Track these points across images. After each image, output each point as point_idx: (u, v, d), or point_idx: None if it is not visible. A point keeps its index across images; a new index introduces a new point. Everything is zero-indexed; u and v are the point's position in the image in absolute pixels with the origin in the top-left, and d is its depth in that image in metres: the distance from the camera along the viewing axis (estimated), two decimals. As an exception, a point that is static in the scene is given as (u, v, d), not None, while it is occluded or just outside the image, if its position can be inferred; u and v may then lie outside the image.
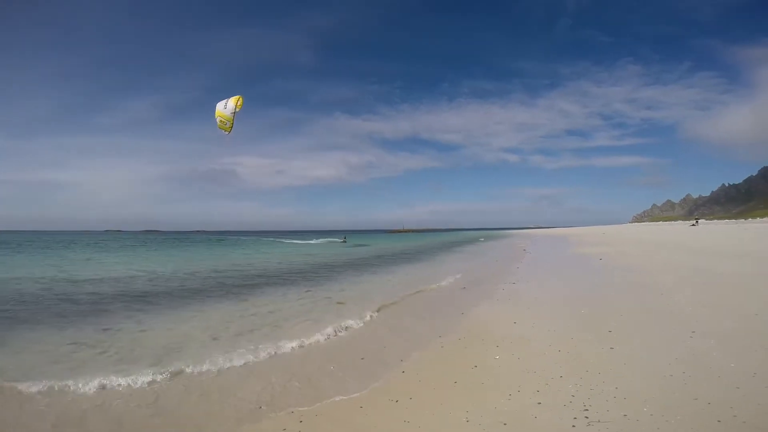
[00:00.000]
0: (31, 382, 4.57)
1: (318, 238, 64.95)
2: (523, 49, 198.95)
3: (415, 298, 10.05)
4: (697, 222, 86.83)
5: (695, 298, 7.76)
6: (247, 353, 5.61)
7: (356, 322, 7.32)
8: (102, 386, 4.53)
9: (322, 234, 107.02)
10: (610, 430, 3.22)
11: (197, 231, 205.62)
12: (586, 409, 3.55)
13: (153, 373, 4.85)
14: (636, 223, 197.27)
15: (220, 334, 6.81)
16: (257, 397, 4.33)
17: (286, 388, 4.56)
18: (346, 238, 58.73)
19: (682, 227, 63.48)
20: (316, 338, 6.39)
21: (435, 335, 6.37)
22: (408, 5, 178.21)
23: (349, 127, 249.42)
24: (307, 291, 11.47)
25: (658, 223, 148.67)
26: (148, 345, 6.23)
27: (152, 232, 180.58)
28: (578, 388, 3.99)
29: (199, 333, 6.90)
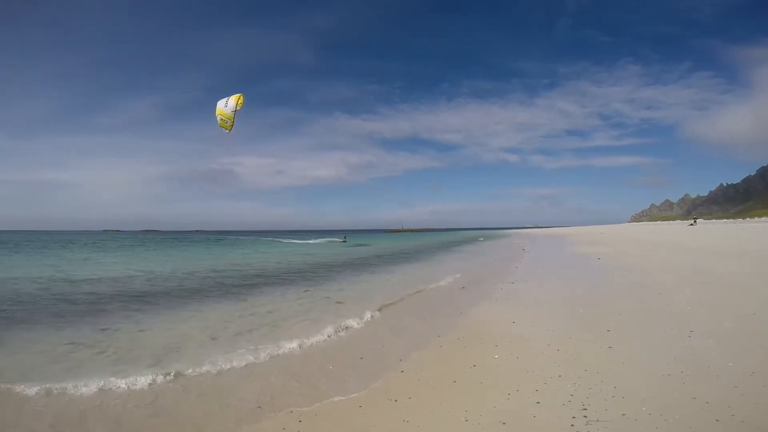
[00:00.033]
0: (28, 382, 4.55)
1: (317, 238, 64.82)
2: (523, 49, 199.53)
3: (414, 297, 10.05)
4: (695, 222, 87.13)
5: (694, 297, 7.78)
6: (246, 353, 5.60)
7: (355, 322, 7.31)
8: (100, 386, 4.50)
9: (321, 234, 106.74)
10: (608, 429, 3.22)
11: (196, 231, 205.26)
12: (585, 409, 3.55)
13: (151, 373, 4.83)
14: (634, 223, 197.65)
15: (219, 334, 6.80)
16: (256, 397, 4.32)
17: (285, 388, 4.55)
18: (346, 237, 58.71)
19: (680, 227, 63.66)
20: (315, 338, 6.37)
21: (434, 335, 6.37)
22: (408, 5, 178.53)
23: (348, 127, 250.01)
24: (306, 291, 11.46)
25: (657, 222, 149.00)
26: (146, 345, 6.21)
27: (151, 232, 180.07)
28: (577, 388, 3.99)
29: (198, 333, 6.89)
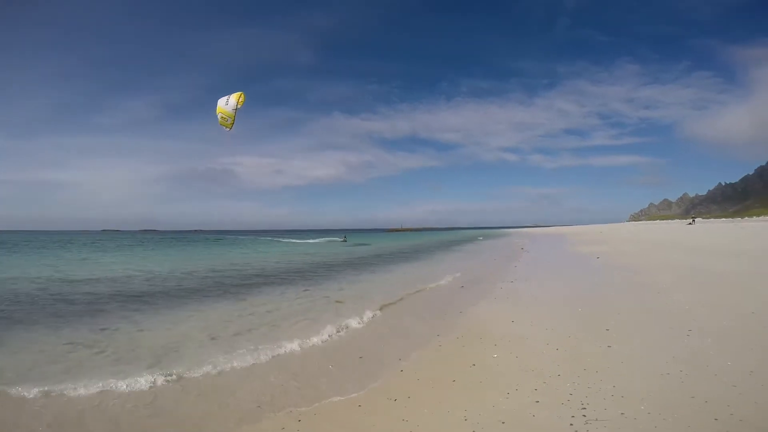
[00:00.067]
0: (27, 382, 4.54)
1: (317, 238, 64.77)
2: (522, 49, 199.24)
3: (413, 297, 10.05)
4: (693, 221, 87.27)
5: (692, 296, 7.79)
6: (245, 353, 5.59)
7: (355, 322, 7.31)
8: (99, 387, 4.49)
9: (321, 233, 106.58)
10: (607, 428, 3.22)
11: (195, 230, 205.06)
12: (584, 408, 3.56)
13: (151, 373, 4.82)
14: (633, 222, 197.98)
15: (219, 333, 6.79)
16: (256, 397, 4.32)
17: (284, 387, 4.55)
18: (346, 237, 58.65)
19: (679, 226, 63.78)
20: (315, 338, 6.37)
21: (433, 334, 6.37)
22: (408, 5, 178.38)
23: (348, 127, 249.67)
24: (306, 290, 11.46)
25: (655, 221, 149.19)
26: (145, 345, 6.20)
27: (150, 232, 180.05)
28: (576, 387, 4.00)
29: (197, 333, 6.88)
